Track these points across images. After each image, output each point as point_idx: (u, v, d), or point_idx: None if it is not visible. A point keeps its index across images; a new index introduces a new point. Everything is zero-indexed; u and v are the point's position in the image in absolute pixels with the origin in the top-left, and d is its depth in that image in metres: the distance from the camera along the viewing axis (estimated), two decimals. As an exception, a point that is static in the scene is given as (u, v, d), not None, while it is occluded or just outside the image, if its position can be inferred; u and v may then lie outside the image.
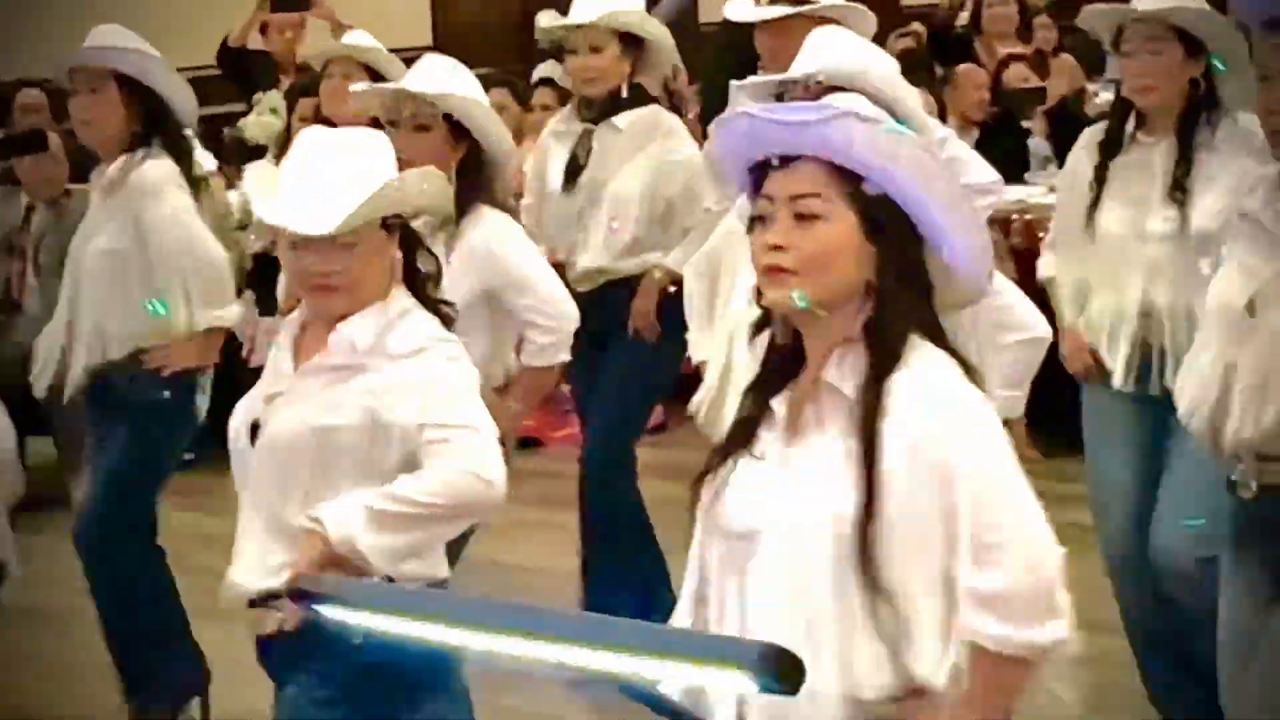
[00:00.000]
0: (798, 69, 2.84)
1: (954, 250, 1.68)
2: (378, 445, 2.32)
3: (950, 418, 1.62)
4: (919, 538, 1.57)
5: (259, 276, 5.71)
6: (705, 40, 7.17)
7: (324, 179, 2.32)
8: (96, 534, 4.05)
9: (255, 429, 2.41)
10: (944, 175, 1.73)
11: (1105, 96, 5.84)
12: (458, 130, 3.39)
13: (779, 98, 2.80)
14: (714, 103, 4.76)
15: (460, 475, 2.26)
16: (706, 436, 2.77)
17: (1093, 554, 3.72)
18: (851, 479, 1.58)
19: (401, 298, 2.41)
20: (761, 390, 1.76)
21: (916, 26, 8.86)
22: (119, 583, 4.08)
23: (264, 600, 2.24)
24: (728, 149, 1.77)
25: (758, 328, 1.77)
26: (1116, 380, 3.52)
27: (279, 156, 4.50)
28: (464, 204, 3.31)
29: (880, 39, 4.43)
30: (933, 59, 7.91)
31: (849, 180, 1.61)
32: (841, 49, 2.90)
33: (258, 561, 2.37)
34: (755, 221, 1.68)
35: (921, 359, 1.63)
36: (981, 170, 3.51)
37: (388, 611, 1.28)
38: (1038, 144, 7.11)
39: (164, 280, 3.82)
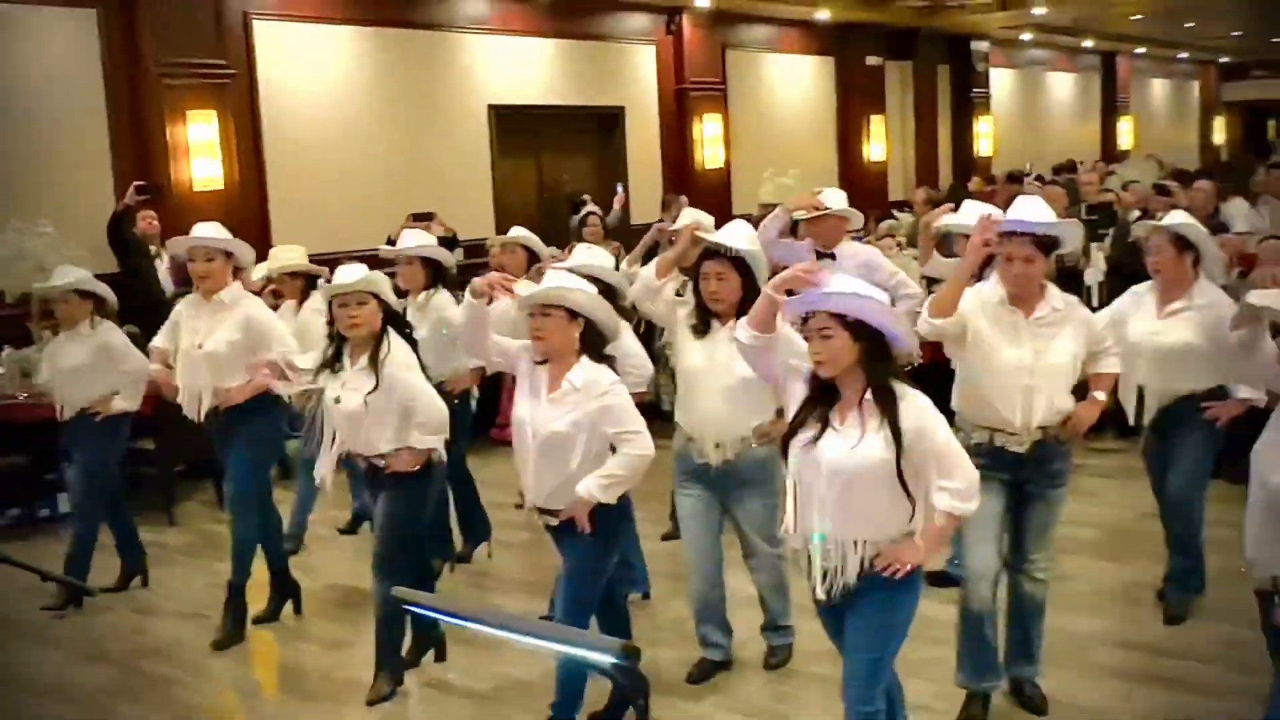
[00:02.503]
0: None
1: (896, 339, 3.43)
2: (596, 441, 4.22)
3: (921, 411, 3.44)
4: (920, 467, 3.42)
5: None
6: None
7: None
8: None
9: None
10: (890, 312, 3.51)
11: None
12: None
13: None
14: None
15: (635, 458, 4.20)
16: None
17: None
18: (887, 442, 3.36)
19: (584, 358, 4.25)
20: (820, 404, 3.50)
21: None
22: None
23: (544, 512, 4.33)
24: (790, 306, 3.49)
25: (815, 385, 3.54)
26: None
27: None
28: None
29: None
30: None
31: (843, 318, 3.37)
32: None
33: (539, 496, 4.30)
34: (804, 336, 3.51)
35: (900, 388, 3.45)
36: (911, 286, 6.20)
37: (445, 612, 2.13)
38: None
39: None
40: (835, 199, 6.28)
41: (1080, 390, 4.52)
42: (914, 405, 3.42)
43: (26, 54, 9.72)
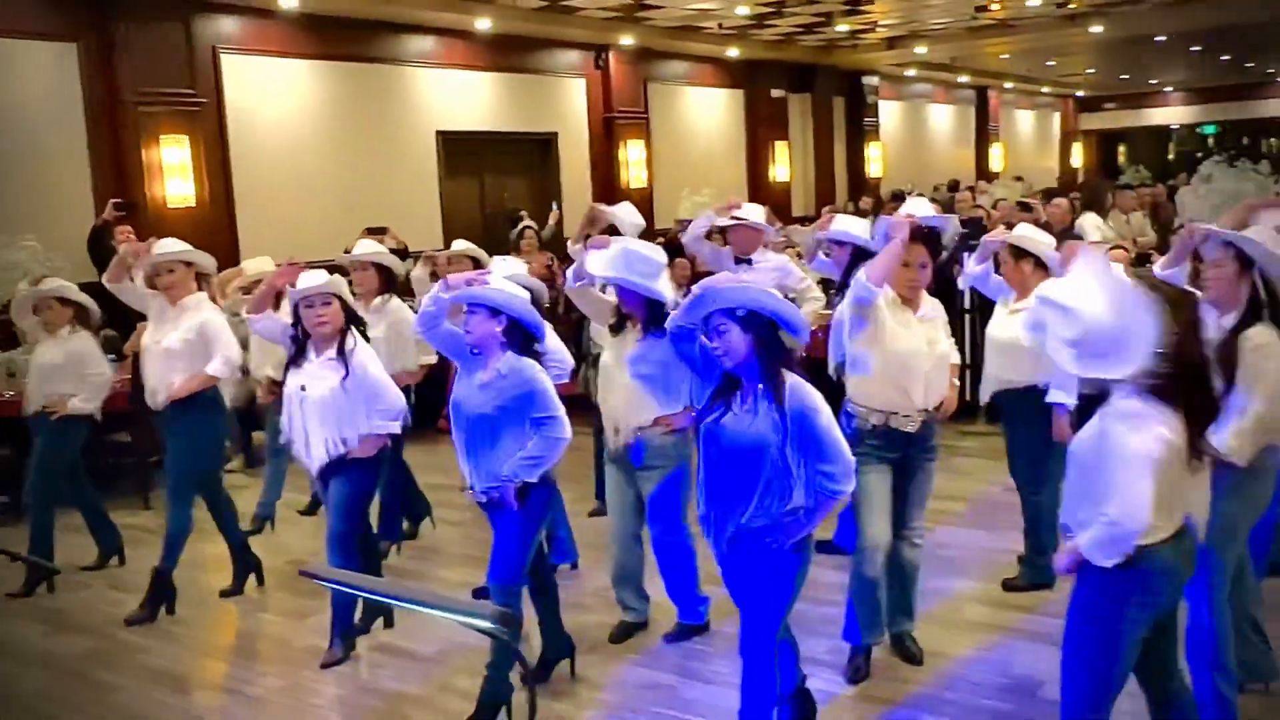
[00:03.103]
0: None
1: (788, 324, 3.46)
2: (519, 424, 4.15)
3: (807, 397, 3.45)
4: (801, 449, 3.43)
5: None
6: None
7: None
8: None
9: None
10: (777, 299, 3.48)
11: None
12: None
13: None
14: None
15: (552, 440, 4.17)
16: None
17: None
18: (775, 426, 3.41)
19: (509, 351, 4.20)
20: (725, 392, 3.55)
21: None
22: None
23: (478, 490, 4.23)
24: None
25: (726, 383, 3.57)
26: None
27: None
28: None
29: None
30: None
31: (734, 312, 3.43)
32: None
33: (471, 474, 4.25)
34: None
35: (790, 376, 3.47)
36: (816, 291, 6.41)
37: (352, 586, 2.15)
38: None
39: None
40: (753, 212, 6.37)
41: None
42: (799, 392, 3.45)
43: (11, 83, 9.54)
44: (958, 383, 4.81)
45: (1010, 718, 4.18)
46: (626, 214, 6.26)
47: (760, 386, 3.46)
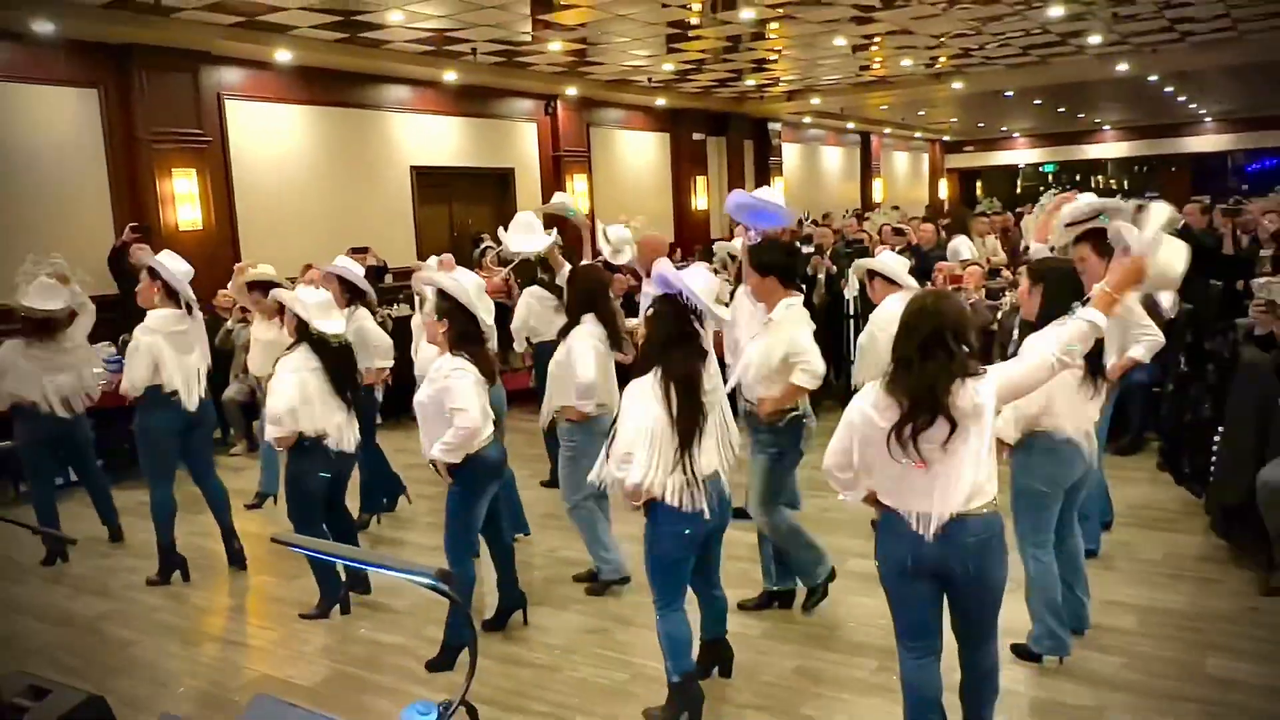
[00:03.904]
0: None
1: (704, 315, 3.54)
2: (441, 412, 4.07)
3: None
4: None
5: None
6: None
7: None
8: None
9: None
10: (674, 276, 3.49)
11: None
12: None
13: None
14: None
15: (459, 430, 4.04)
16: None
17: None
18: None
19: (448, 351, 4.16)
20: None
21: None
22: None
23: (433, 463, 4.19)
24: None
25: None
26: None
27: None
28: None
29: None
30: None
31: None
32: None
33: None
34: None
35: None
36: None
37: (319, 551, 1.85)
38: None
39: None
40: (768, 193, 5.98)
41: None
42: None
43: (43, 122, 9.28)
44: (777, 393, 4.23)
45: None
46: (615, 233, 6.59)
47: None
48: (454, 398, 4.05)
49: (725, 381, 4.33)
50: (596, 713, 3.86)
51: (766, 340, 4.22)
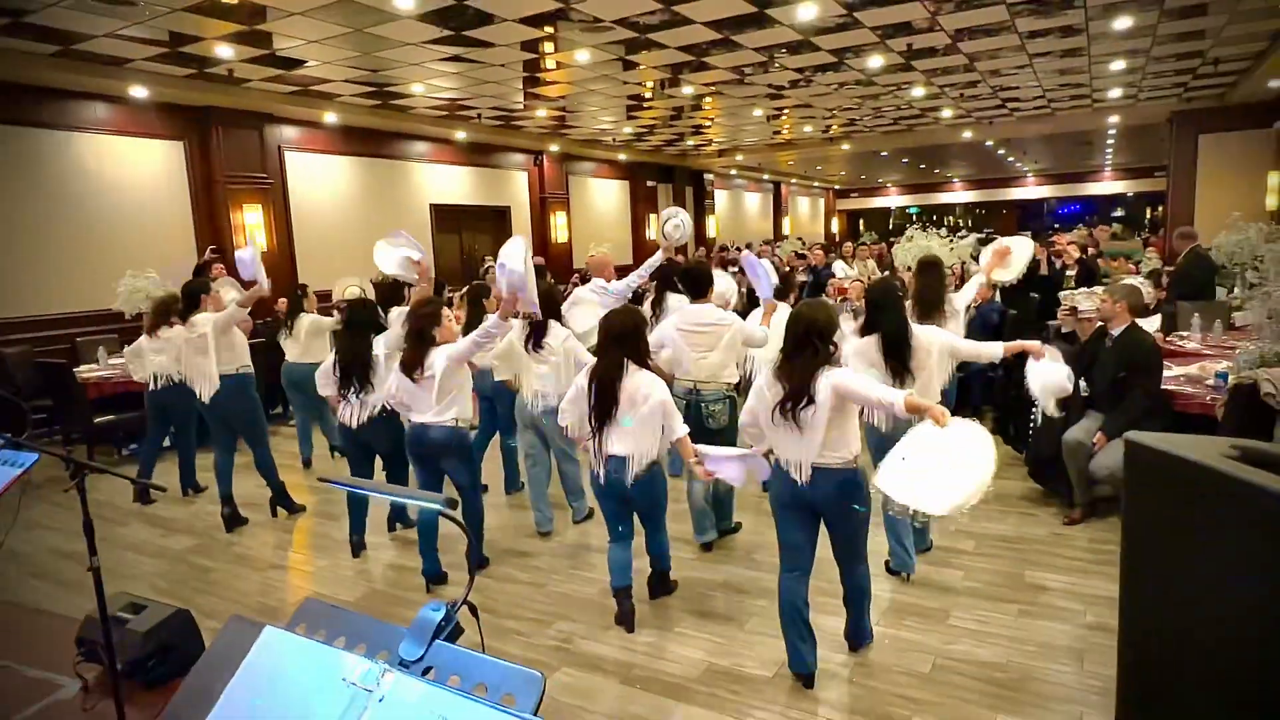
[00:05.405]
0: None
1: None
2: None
3: (654, 383, 3.34)
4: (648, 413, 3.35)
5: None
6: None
7: None
8: None
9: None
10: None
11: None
12: None
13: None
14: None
15: None
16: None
17: None
18: None
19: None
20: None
21: None
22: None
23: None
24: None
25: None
26: None
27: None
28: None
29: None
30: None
31: None
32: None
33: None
34: None
35: (639, 369, 3.38)
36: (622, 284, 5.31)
37: (353, 486, 1.71)
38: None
39: None
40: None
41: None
42: (645, 379, 3.45)
43: (138, 167, 8.96)
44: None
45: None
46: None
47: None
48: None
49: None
50: (573, 618, 3.85)
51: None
